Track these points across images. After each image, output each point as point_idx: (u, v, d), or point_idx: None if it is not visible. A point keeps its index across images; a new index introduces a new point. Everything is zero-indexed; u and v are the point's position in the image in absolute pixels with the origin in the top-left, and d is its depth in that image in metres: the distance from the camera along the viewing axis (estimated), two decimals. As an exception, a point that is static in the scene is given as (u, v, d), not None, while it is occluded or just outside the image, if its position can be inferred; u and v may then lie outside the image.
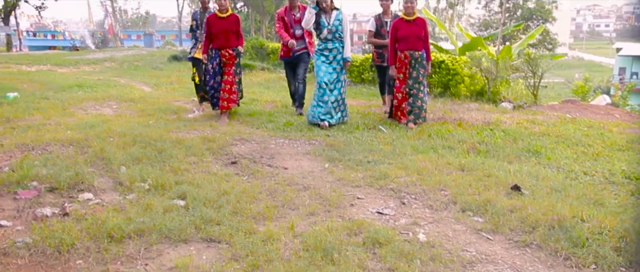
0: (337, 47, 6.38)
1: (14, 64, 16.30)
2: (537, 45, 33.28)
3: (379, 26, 7.17)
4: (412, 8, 6.31)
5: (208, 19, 6.59)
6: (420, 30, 6.32)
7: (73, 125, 6.07)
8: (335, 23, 6.36)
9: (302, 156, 5.03)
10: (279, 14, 7.24)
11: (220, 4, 6.49)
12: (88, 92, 9.36)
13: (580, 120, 7.21)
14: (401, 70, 6.39)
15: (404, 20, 6.34)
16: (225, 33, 6.51)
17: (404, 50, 6.33)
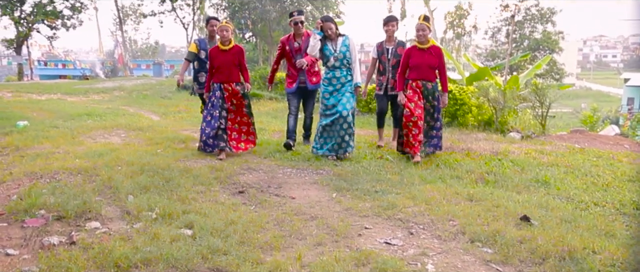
0: (344, 75, 6.06)
1: (25, 93, 16.51)
2: (545, 75, 33.35)
3: (380, 53, 6.94)
4: (424, 36, 5.97)
5: (210, 52, 6.24)
6: (434, 59, 6.01)
7: (81, 154, 6.10)
8: (342, 50, 6.03)
9: (310, 185, 5.01)
10: (282, 42, 6.87)
11: (222, 35, 6.10)
12: (97, 120, 9.43)
13: (589, 150, 7.17)
14: (413, 99, 5.99)
15: (417, 48, 6.03)
16: (228, 66, 6.14)
17: (416, 79, 6.03)
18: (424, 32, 5.95)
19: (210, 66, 6.25)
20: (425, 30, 5.95)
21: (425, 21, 5.96)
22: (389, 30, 6.82)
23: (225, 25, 6.11)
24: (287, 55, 6.80)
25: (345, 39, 6.08)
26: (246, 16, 26.76)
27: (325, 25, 5.98)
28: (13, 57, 32.68)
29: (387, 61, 6.86)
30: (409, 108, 5.97)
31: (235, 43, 6.24)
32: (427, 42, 6.00)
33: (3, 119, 9.15)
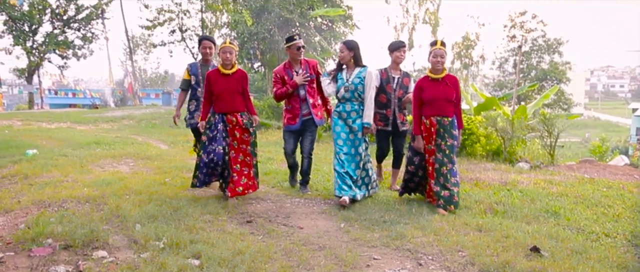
0: (356, 110, 5.36)
1: (35, 121, 16.67)
2: (552, 105, 33.34)
3: (384, 82, 6.04)
4: (440, 63, 5.12)
5: (208, 76, 5.30)
6: (451, 91, 5.14)
7: (90, 183, 6.12)
8: (354, 81, 5.32)
9: (318, 215, 4.99)
10: (277, 73, 5.83)
11: (225, 58, 5.23)
12: (106, 149, 9.49)
13: (599, 180, 7.11)
14: (428, 141, 5.23)
15: (430, 78, 5.19)
16: (231, 94, 5.28)
17: (430, 116, 5.18)
18: (442, 59, 5.13)
19: (208, 93, 5.35)
20: (443, 56, 5.14)
21: (443, 46, 5.17)
22: (399, 57, 6.07)
23: (229, 47, 5.25)
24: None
25: (362, 71, 5.36)
26: (255, 46, 27.07)
27: (341, 47, 5.41)
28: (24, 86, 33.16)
29: (393, 92, 6.06)
30: (428, 152, 5.29)
31: (239, 67, 5.48)
32: (442, 71, 5.19)
33: (13, 148, 9.23)
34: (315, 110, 5.85)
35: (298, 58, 5.73)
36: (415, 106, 5.29)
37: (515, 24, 36.53)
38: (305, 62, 5.78)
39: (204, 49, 5.94)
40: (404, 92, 6.06)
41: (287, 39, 5.77)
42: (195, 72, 5.97)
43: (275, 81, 5.82)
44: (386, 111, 6.08)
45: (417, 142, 5.29)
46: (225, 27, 29.75)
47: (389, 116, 6.08)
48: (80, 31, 31.04)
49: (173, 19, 27.56)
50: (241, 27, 26.46)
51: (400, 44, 6.13)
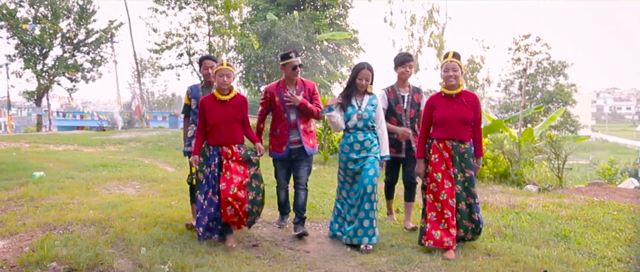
0: (369, 139, 4.69)
1: (42, 144, 16.73)
2: (559, 127, 33.21)
3: (392, 102, 5.28)
4: (454, 77, 4.39)
5: (203, 104, 4.64)
6: (468, 111, 4.39)
7: (96, 205, 6.11)
8: (368, 108, 4.72)
9: (324, 238, 4.94)
10: (268, 92, 5.11)
11: (221, 82, 4.56)
12: (112, 171, 9.49)
13: (609, 203, 7.02)
14: (439, 169, 4.42)
15: (443, 95, 4.47)
16: (228, 123, 4.60)
17: (444, 139, 4.42)
18: (455, 73, 4.39)
19: (202, 123, 4.65)
20: (456, 70, 4.40)
21: (456, 58, 4.47)
22: (405, 73, 5.28)
23: (226, 69, 4.57)
24: (276, 109, 5.06)
25: (373, 98, 4.79)
26: (261, 70, 27.25)
27: (363, 72, 4.68)
28: (33, 108, 33.45)
29: (404, 113, 5.26)
30: (435, 181, 4.44)
31: (237, 92, 4.76)
32: (457, 86, 4.45)
33: (20, 170, 9.25)
34: (307, 137, 5.04)
35: (293, 78, 5.01)
36: (423, 126, 4.60)
37: (520, 47, 36.62)
38: (302, 83, 5.07)
39: (206, 69, 5.28)
40: (416, 111, 5.29)
41: (282, 56, 5.05)
42: (196, 95, 5.27)
43: (263, 99, 5.14)
44: (397, 136, 5.24)
45: (418, 166, 4.62)
46: (233, 50, 30.03)
47: (401, 141, 5.25)
48: (89, 54, 31.42)
49: (181, 42, 27.86)
50: (248, 51, 26.71)
51: (405, 58, 5.34)
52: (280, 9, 29.24)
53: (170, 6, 27.19)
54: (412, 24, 30.17)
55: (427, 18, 29.37)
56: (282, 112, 5.01)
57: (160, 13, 27.40)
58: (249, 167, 4.65)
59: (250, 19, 29.80)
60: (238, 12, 29.82)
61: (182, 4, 27.05)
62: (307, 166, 5.16)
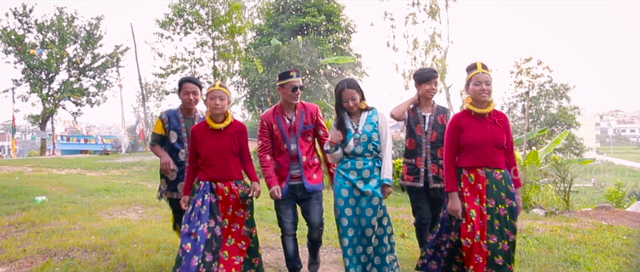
0: (369, 167, 4.02)
1: (45, 168, 16.73)
2: (564, 150, 33.09)
3: (412, 122, 4.53)
4: (486, 92, 3.65)
5: (193, 133, 3.97)
6: (501, 133, 3.68)
7: (97, 231, 6.05)
8: (366, 129, 4.04)
9: (330, 264, 4.86)
10: (265, 120, 4.30)
11: (214, 105, 3.86)
12: (115, 196, 9.44)
13: (618, 227, 6.91)
14: (472, 204, 3.61)
15: (471, 114, 3.72)
16: (223, 156, 3.92)
17: (475, 167, 3.66)
18: (488, 86, 3.65)
19: (193, 156, 4.00)
20: (489, 83, 3.66)
21: (486, 69, 3.74)
22: (430, 91, 4.52)
23: (219, 91, 3.88)
24: (275, 139, 4.27)
25: (373, 114, 4.12)
26: (266, 94, 27.37)
27: (345, 93, 4.02)
28: (37, 132, 33.62)
29: (424, 135, 4.48)
30: (471, 221, 3.59)
31: (234, 119, 4.06)
32: (489, 104, 3.72)
33: (22, 194, 9.22)
34: (309, 172, 4.25)
35: (292, 102, 4.24)
36: (448, 153, 3.76)
37: (522, 70, 36.72)
38: (302, 107, 4.30)
39: (186, 94, 4.39)
40: (439, 134, 4.43)
41: (280, 75, 4.26)
42: (177, 126, 4.42)
43: (261, 131, 4.29)
44: (415, 160, 4.50)
45: (452, 202, 3.65)
46: (237, 74, 30.22)
47: (420, 167, 4.47)
48: (95, 79, 31.72)
49: (186, 67, 28.07)
50: (252, 75, 26.88)
51: (430, 74, 4.53)
52: (284, 34, 29.51)
53: (176, 31, 27.47)
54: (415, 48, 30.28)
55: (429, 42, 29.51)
56: (281, 142, 4.23)
57: (165, 38, 27.66)
58: (245, 210, 3.98)
59: (255, 44, 30.07)
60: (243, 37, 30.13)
61: (187, 29, 27.33)
62: (318, 203, 4.26)
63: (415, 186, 4.48)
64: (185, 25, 27.21)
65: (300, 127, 4.24)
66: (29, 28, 29.39)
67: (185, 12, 26.80)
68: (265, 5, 33.11)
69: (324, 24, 29.69)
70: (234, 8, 26.70)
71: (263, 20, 32.39)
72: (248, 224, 3.97)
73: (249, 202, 3.98)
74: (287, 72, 4.24)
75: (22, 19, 29.23)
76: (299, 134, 4.23)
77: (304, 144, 4.27)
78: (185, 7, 26.90)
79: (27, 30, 29.34)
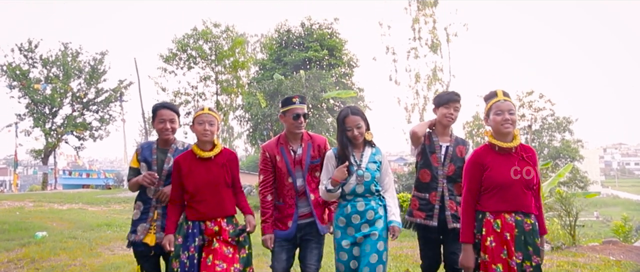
0: (373, 208, 3.50)
1: (47, 203, 16.67)
2: (568, 183, 32.94)
3: (428, 150, 3.98)
4: (510, 122, 3.14)
5: (178, 164, 3.53)
6: (530, 171, 3.16)
7: (98, 267, 5.97)
8: (370, 167, 3.54)
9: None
10: (267, 151, 3.85)
11: (202, 132, 3.48)
12: (116, 231, 9.36)
13: (626, 263, 6.79)
14: (499, 257, 3.05)
15: (495, 149, 3.20)
16: (213, 189, 3.48)
17: (502, 212, 3.11)
18: (511, 115, 3.15)
19: (178, 190, 3.53)
20: (513, 112, 3.18)
21: (508, 97, 3.26)
22: (449, 117, 3.97)
23: (208, 115, 3.52)
24: (279, 173, 3.81)
25: (376, 153, 3.64)
26: (268, 128, 27.46)
27: (350, 120, 3.54)
28: (39, 166, 33.68)
29: (441, 166, 3.93)
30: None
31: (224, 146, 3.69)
32: (514, 136, 3.22)
33: (22, 230, 9.16)
34: (320, 210, 3.82)
35: (296, 131, 3.82)
36: (468, 196, 3.21)
37: (524, 103, 36.89)
38: (309, 139, 3.89)
39: (162, 123, 3.80)
40: (457, 168, 3.90)
41: (282, 101, 3.89)
42: (147, 157, 3.83)
43: (263, 163, 3.84)
44: (429, 195, 3.94)
45: (465, 256, 3.18)
46: (240, 109, 30.39)
47: (435, 203, 3.90)
48: (98, 113, 31.94)
49: (189, 101, 28.26)
50: (255, 109, 27.02)
51: (451, 97, 4.00)
52: (287, 68, 29.80)
53: (180, 66, 27.76)
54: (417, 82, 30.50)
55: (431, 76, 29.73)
56: (285, 175, 3.78)
57: (169, 73, 27.93)
58: (239, 249, 3.50)
59: (258, 78, 30.33)
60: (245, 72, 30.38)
61: (191, 64, 27.62)
62: (317, 249, 3.79)
63: (427, 225, 3.90)
64: (188, 60, 27.52)
65: (307, 161, 3.78)
66: (34, 63, 29.81)
67: (188, 47, 27.14)
68: (268, 40, 33.55)
69: (326, 59, 30.01)
70: (237, 43, 27.06)
71: (266, 55, 32.76)
72: (244, 262, 3.48)
73: (244, 238, 3.53)
74: (289, 98, 3.86)
75: (28, 54, 29.66)
76: (306, 169, 3.77)
77: (312, 180, 3.81)
78: (189, 42, 27.26)
79: (32, 65, 29.76)
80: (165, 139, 3.85)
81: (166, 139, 3.85)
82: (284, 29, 31.27)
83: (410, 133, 3.99)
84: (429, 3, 28.70)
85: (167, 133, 3.81)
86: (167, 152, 3.83)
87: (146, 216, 3.74)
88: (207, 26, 27.44)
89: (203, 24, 27.62)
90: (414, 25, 29.20)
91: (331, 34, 31.00)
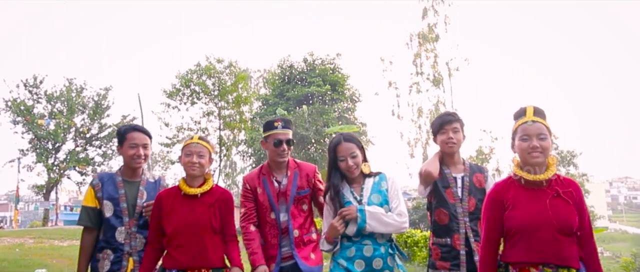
0: (381, 254, 2.94)
1: (47, 239, 16.48)
2: (574, 218, 32.59)
3: (441, 185, 3.30)
4: (542, 151, 2.50)
5: (160, 200, 3.04)
6: (569, 211, 2.46)
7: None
8: (372, 200, 2.98)
9: None
10: (249, 183, 3.41)
11: (190, 164, 2.98)
12: (116, 268, 9.21)
13: (639, 301, 6.60)
14: None
15: (521, 182, 2.57)
16: (197, 232, 2.93)
17: (529, 264, 2.46)
18: (542, 142, 2.50)
19: (156, 232, 3.03)
20: (545, 138, 2.52)
21: (540, 116, 2.59)
22: (448, 143, 3.33)
23: (198, 144, 3.03)
24: (260, 207, 3.37)
25: (381, 180, 3.08)
26: (271, 162, 27.42)
27: (342, 148, 3.02)
28: (41, 202, 33.57)
29: (459, 203, 3.26)
30: None
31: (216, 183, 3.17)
32: (548, 166, 2.53)
33: (22, 267, 9.02)
34: (303, 250, 3.31)
35: (278, 159, 3.36)
36: (486, 240, 2.61)
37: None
38: (296, 167, 3.43)
39: (134, 148, 3.21)
40: (478, 201, 3.24)
41: (264, 125, 3.48)
42: (113, 194, 3.18)
43: (244, 195, 3.39)
44: (451, 239, 3.23)
45: None
46: (243, 144, 30.41)
47: (459, 249, 3.19)
48: (101, 148, 31.99)
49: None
50: (258, 144, 27.00)
51: (444, 120, 3.39)
52: (290, 103, 29.92)
53: (183, 101, 27.90)
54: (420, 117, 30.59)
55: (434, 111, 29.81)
56: (267, 210, 3.33)
57: (172, 108, 28.05)
58: None
59: (260, 113, 30.43)
60: (248, 107, 30.53)
61: (194, 99, 27.78)
62: None
63: None
64: (191, 96, 27.69)
65: (292, 192, 3.32)
66: (38, 99, 30.02)
67: (192, 82, 27.34)
68: (270, 75, 33.82)
69: (329, 94, 30.15)
70: (240, 78, 27.27)
71: (269, 90, 32.97)
72: None
73: None
74: (271, 121, 3.42)
75: (33, 90, 29.91)
76: (290, 201, 3.31)
77: (298, 214, 3.35)
78: (193, 77, 27.49)
79: (37, 100, 29.96)
80: (134, 167, 3.25)
81: (136, 167, 3.26)
82: (287, 64, 31.56)
83: (423, 174, 3.32)
84: (430, 38, 29.03)
85: (139, 161, 3.22)
86: (137, 184, 3.24)
87: (118, 267, 3.10)
88: (210, 62, 27.73)
89: (206, 60, 27.91)
90: (415, 60, 29.51)
91: (333, 69, 31.24)
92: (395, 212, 2.97)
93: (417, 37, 29.30)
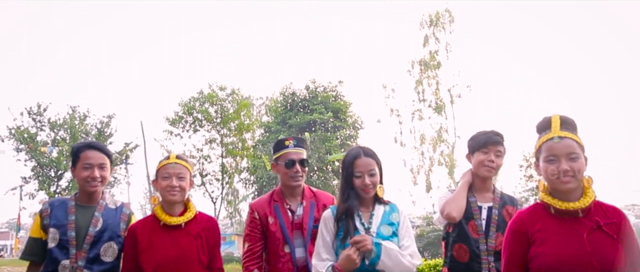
0: None
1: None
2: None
3: (463, 219, 2.83)
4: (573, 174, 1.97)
5: (133, 234, 2.65)
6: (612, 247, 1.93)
7: None
8: (381, 231, 2.50)
9: None
10: (257, 210, 2.96)
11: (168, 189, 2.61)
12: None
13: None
14: None
15: (549, 210, 2.06)
16: (184, 269, 2.55)
17: None
18: (573, 162, 1.99)
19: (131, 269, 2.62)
20: (576, 157, 2.00)
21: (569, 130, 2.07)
22: (490, 165, 2.88)
23: (177, 164, 2.65)
24: (271, 238, 2.92)
25: (392, 212, 2.59)
26: (273, 190, 27.32)
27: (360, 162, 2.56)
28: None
29: (483, 239, 2.80)
30: None
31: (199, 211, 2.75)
32: (581, 194, 2.03)
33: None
34: None
35: (291, 183, 2.97)
36: None
37: (531, 164, 36.60)
38: (312, 196, 3.03)
39: (88, 169, 2.73)
40: None
41: (274, 145, 3.12)
42: (62, 220, 2.69)
43: (249, 227, 2.95)
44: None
45: None
46: (245, 171, 30.34)
47: None
48: (102, 176, 31.87)
49: (194, 164, 28.20)
50: (260, 172, 26.95)
51: (490, 138, 2.91)
52: (292, 130, 29.94)
53: (185, 129, 27.94)
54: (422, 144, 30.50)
55: (436, 137, 29.74)
56: (280, 243, 2.88)
57: (175, 135, 28.08)
58: None
59: (263, 141, 30.44)
60: (251, 134, 30.56)
61: (196, 126, 27.83)
62: None
63: None
64: (194, 123, 27.76)
65: (309, 225, 2.87)
66: (41, 126, 30.08)
67: (194, 109, 27.44)
68: (273, 102, 33.93)
69: (331, 121, 30.18)
70: (242, 106, 27.36)
71: (271, 118, 33.03)
72: None
73: None
74: (282, 140, 3.05)
75: (36, 118, 30.01)
76: (308, 235, 2.84)
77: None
78: (195, 105, 27.58)
79: (40, 128, 30.02)
80: (90, 191, 2.75)
81: (92, 191, 2.75)
82: (289, 91, 31.69)
83: (445, 214, 2.84)
84: (432, 65, 29.14)
85: (95, 184, 2.73)
86: (92, 210, 2.74)
87: None
88: (212, 89, 27.88)
89: (209, 87, 28.07)
90: (417, 87, 29.55)
91: (335, 97, 31.34)
92: (408, 252, 2.49)
93: (419, 64, 29.42)
